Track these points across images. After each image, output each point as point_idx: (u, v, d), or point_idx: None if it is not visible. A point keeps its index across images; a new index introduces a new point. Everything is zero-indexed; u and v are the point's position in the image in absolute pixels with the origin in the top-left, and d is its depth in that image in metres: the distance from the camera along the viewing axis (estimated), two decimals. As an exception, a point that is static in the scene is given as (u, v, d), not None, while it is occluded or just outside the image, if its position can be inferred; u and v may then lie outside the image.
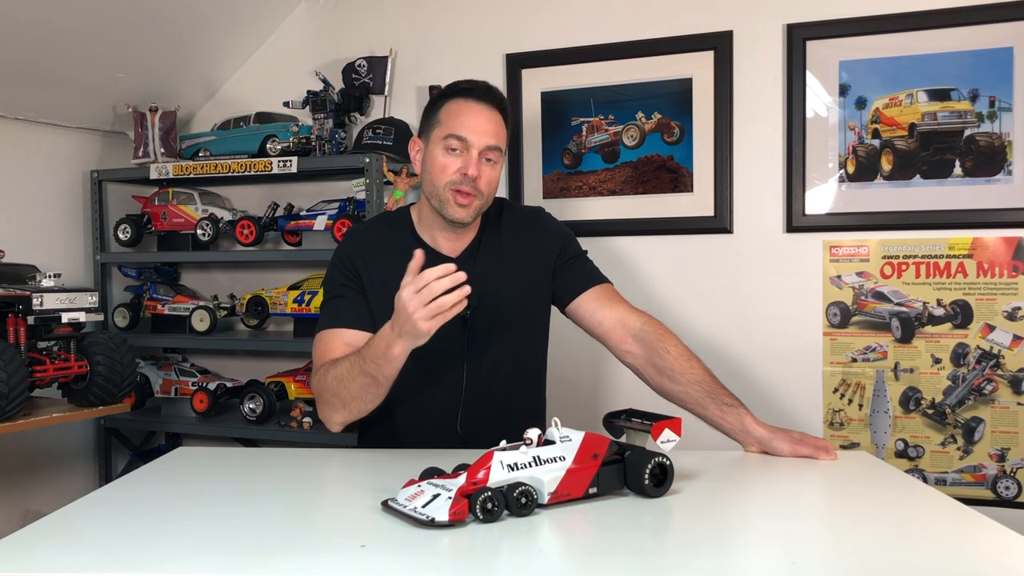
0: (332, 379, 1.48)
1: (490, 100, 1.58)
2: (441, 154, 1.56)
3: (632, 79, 2.47)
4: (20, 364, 1.90)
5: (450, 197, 1.55)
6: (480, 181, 1.55)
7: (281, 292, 2.60)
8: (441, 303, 1.29)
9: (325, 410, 1.53)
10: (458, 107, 1.57)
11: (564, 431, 1.18)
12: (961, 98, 2.20)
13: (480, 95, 1.58)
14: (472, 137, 1.55)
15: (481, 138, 1.55)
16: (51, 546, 1.04)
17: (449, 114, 1.57)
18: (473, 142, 1.55)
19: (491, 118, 1.57)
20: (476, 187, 1.55)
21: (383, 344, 1.39)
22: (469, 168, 1.54)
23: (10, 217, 2.51)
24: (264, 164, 2.53)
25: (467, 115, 1.56)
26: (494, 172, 1.58)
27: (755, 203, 2.39)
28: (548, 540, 1.04)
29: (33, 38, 2.26)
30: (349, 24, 2.77)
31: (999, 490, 2.22)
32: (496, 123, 1.58)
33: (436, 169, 1.57)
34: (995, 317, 2.21)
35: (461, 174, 1.54)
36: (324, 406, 1.53)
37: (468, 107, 1.57)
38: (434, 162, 1.57)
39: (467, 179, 1.54)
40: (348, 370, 1.46)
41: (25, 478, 2.57)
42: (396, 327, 1.36)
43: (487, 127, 1.56)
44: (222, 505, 1.21)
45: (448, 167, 1.55)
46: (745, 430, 1.48)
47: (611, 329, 1.64)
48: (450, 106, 1.58)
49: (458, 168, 1.55)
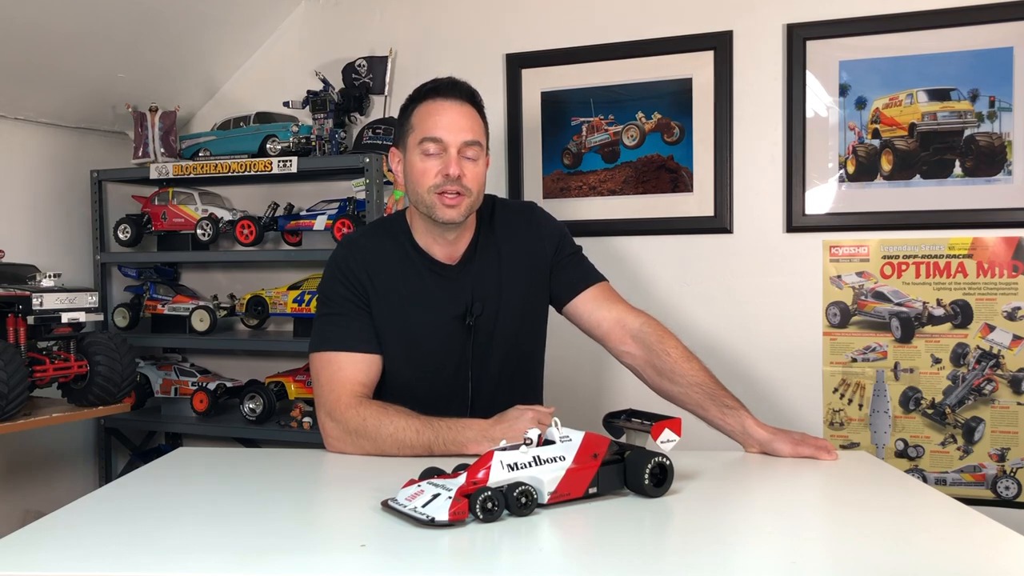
0: (384, 435, 1.46)
1: (459, 95, 1.56)
2: (419, 160, 1.54)
3: (632, 79, 2.47)
4: (20, 364, 1.90)
5: (436, 200, 1.53)
6: (464, 179, 1.53)
7: (281, 292, 2.60)
8: (516, 437, 1.30)
9: (348, 446, 1.50)
10: (428, 109, 1.55)
11: (564, 431, 1.18)
12: (961, 98, 2.20)
13: (447, 91, 1.55)
14: (446, 135, 1.52)
15: (456, 135, 1.52)
16: (51, 546, 1.04)
17: (420, 117, 1.55)
18: (448, 140, 1.52)
19: (463, 112, 1.55)
20: (462, 185, 1.53)
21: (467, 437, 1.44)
22: (450, 168, 1.51)
23: (10, 217, 2.51)
24: (264, 164, 2.53)
25: (438, 114, 1.54)
26: (477, 168, 1.55)
27: (755, 203, 2.39)
28: (548, 540, 1.04)
29: (33, 38, 2.26)
30: (349, 24, 2.77)
31: (999, 490, 2.22)
32: (468, 117, 1.55)
33: (417, 175, 1.55)
34: (995, 317, 2.21)
35: (443, 176, 1.52)
36: (349, 443, 1.50)
37: (437, 106, 1.54)
38: (413, 169, 1.55)
39: (449, 180, 1.52)
40: (412, 439, 1.45)
41: (25, 478, 2.57)
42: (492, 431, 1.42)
43: (460, 123, 1.53)
44: (222, 505, 1.21)
45: (428, 171, 1.53)
46: (745, 432, 1.48)
47: (610, 330, 1.64)
48: (420, 110, 1.56)
49: (438, 170, 1.52)
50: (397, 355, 1.60)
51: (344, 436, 1.50)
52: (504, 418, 1.45)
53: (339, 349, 1.56)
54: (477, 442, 1.42)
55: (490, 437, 1.41)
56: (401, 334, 1.60)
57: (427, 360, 1.61)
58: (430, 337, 1.60)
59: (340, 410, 1.51)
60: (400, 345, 1.60)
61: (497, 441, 1.37)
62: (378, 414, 1.48)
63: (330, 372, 1.55)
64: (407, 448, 1.45)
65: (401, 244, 1.63)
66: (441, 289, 1.61)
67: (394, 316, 1.59)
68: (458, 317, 1.60)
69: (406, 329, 1.60)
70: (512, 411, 1.46)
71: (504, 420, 1.44)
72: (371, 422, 1.48)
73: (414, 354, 1.61)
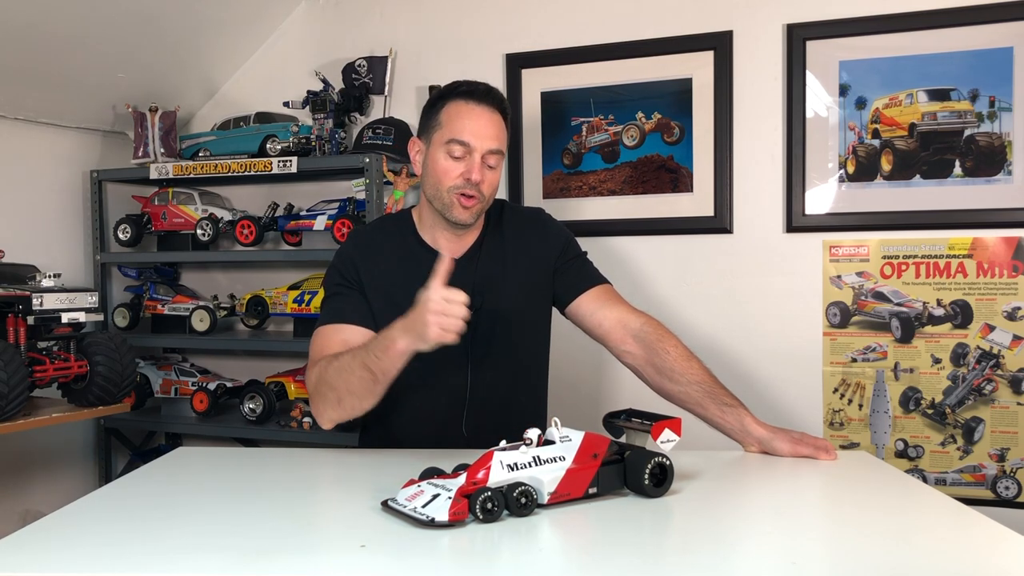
0: (332, 371, 1.47)
1: (491, 102, 1.58)
2: (443, 158, 1.56)
3: (632, 79, 2.47)
4: (20, 364, 1.90)
5: (455, 200, 1.55)
6: (483, 185, 1.55)
7: (281, 292, 2.60)
8: (456, 323, 1.31)
9: (319, 404, 1.51)
10: (459, 109, 1.56)
11: (564, 431, 1.18)
12: (961, 98, 2.20)
13: (481, 97, 1.57)
14: (475, 141, 1.54)
15: (484, 142, 1.54)
16: (51, 546, 1.04)
17: (450, 116, 1.56)
18: (476, 146, 1.54)
19: (492, 121, 1.57)
20: (479, 190, 1.55)
21: (388, 337, 1.39)
22: (473, 173, 1.53)
23: (10, 217, 2.51)
24: (264, 164, 2.53)
25: (468, 118, 1.55)
26: (495, 175, 1.58)
27: (755, 203, 2.39)
28: (548, 540, 1.04)
29: (33, 38, 2.26)
30: (349, 24, 2.77)
31: (999, 490, 2.22)
32: (497, 126, 1.57)
33: (439, 172, 1.56)
34: (995, 317, 2.21)
35: (464, 179, 1.54)
36: (319, 400, 1.51)
37: (469, 110, 1.56)
38: (436, 165, 1.57)
39: (470, 184, 1.54)
40: (349, 362, 1.44)
41: (25, 478, 2.57)
42: (408, 322, 1.36)
43: (489, 131, 1.55)
44: (222, 505, 1.21)
45: (451, 171, 1.55)
46: (745, 430, 1.48)
47: (611, 330, 1.64)
48: (451, 108, 1.57)
49: (461, 173, 1.54)
50: None
51: (315, 397, 1.51)
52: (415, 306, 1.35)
53: (327, 323, 1.59)
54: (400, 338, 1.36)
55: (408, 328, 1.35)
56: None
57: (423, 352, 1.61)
58: None
59: (310, 378, 1.53)
60: None
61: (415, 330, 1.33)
62: (329, 359, 1.49)
63: (317, 347, 1.57)
64: (353, 376, 1.43)
65: (405, 237, 1.66)
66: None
67: (392, 305, 1.58)
68: None
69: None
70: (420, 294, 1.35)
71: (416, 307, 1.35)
72: (327, 369, 1.48)
73: None
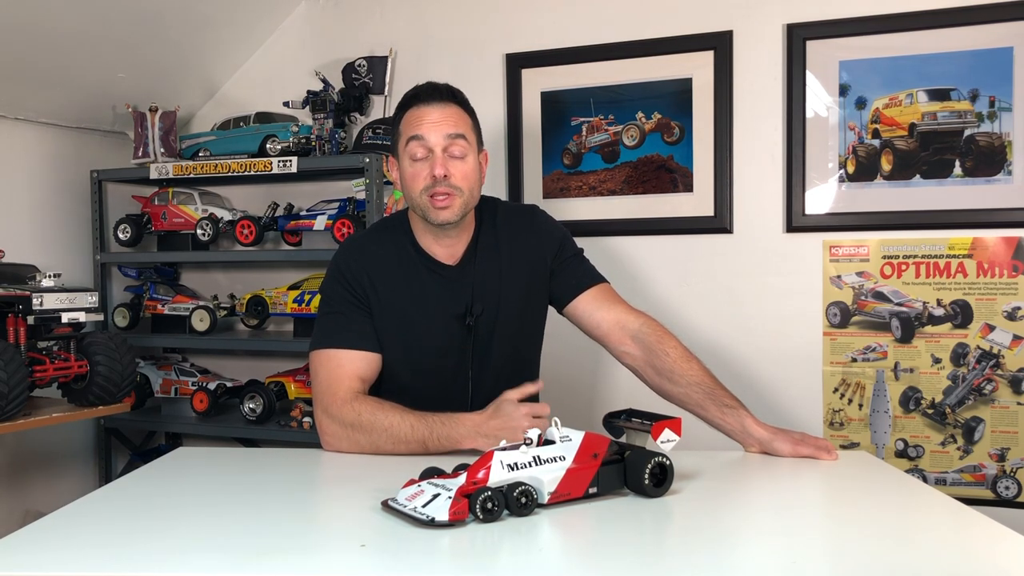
0: (380, 430, 1.47)
1: (439, 96, 1.57)
2: (409, 164, 1.56)
3: (632, 79, 2.47)
4: (20, 364, 1.90)
5: (428, 203, 1.55)
6: (453, 178, 1.54)
7: (281, 292, 2.60)
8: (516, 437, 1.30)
9: (343, 442, 1.50)
10: (412, 114, 1.57)
11: (564, 431, 1.17)
12: (961, 98, 2.20)
13: (428, 95, 1.57)
14: (428, 133, 1.54)
15: (437, 129, 1.54)
16: (51, 546, 1.04)
17: (407, 123, 1.58)
18: (431, 139, 1.54)
19: (444, 111, 1.56)
20: (451, 185, 1.54)
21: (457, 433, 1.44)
22: (436, 169, 1.53)
23: (10, 217, 2.51)
24: (264, 164, 2.53)
25: (421, 116, 1.56)
26: (466, 165, 1.56)
27: (755, 203, 2.39)
28: (548, 540, 1.04)
29: (33, 38, 2.26)
30: (349, 24, 2.77)
31: (999, 490, 2.22)
32: (450, 113, 1.56)
33: (408, 179, 1.57)
34: (995, 317, 2.21)
35: (431, 178, 1.54)
36: (345, 440, 1.50)
37: (420, 112, 1.56)
38: (405, 174, 1.58)
39: (437, 180, 1.53)
40: (406, 433, 1.45)
41: (25, 478, 2.57)
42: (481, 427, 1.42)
43: (441, 119, 1.55)
44: (222, 505, 1.21)
45: (418, 175, 1.55)
46: (745, 431, 1.48)
47: (610, 330, 1.64)
48: (406, 116, 1.59)
49: (427, 173, 1.54)
50: (397, 355, 1.61)
51: (340, 431, 1.51)
52: (498, 413, 1.44)
53: (337, 346, 1.57)
54: (471, 438, 1.43)
55: (484, 433, 1.42)
56: (401, 334, 1.60)
57: (427, 360, 1.62)
58: (430, 337, 1.61)
59: (336, 405, 1.51)
60: (400, 345, 1.60)
61: (490, 436, 1.38)
62: (373, 409, 1.49)
63: (328, 369, 1.56)
64: (402, 444, 1.46)
65: (403, 245, 1.64)
66: (441, 289, 1.61)
67: (394, 317, 1.60)
68: (458, 317, 1.60)
69: (406, 329, 1.60)
70: (505, 404, 1.45)
71: (498, 416, 1.44)
72: (366, 417, 1.48)
73: (414, 354, 1.61)
